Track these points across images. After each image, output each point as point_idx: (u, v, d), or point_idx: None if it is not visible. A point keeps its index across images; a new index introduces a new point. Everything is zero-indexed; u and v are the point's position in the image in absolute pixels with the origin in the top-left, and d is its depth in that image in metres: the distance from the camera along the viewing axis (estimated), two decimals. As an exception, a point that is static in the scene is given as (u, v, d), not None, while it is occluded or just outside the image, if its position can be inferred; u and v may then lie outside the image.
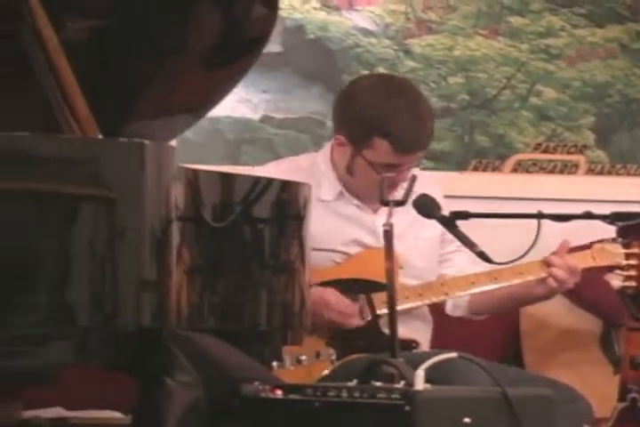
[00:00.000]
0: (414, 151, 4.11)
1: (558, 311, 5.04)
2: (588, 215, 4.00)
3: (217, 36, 3.55)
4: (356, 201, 4.16)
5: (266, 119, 5.17)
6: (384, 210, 3.50)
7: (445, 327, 4.46)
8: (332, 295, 3.97)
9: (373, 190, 3.92)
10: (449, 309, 4.35)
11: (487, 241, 3.99)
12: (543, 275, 4.13)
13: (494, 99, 5.47)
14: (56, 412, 3.88)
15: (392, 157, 4.02)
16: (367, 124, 4.07)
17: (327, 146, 4.35)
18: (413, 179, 3.89)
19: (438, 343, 4.08)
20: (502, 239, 4.68)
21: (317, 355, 3.86)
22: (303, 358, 3.74)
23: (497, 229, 4.77)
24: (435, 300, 4.17)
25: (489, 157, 5.46)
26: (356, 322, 4.03)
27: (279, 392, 2.89)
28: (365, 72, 5.29)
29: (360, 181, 4.15)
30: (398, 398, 2.62)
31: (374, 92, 4.22)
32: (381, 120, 4.08)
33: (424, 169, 4.51)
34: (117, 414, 3.79)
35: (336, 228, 4.04)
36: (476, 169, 5.41)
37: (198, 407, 2.90)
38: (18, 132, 2.65)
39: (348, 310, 4.04)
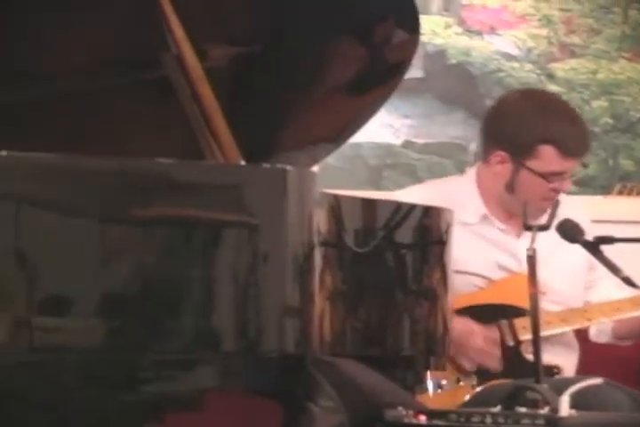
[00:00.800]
0: (579, 154, 4.14)
1: None
2: None
3: (359, 63, 3.53)
4: (499, 224, 4.17)
5: (408, 144, 5.21)
6: (527, 234, 3.50)
7: (591, 353, 4.46)
8: (474, 325, 3.99)
9: (536, 205, 4.01)
10: (593, 334, 4.33)
11: (632, 266, 3.96)
12: None
13: (638, 122, 5.36)
14: None
15: (559, 163, 4.05)
16: (530, 133, 4.08)
17: (472, 169, 4.38)
18: (557, 204, 3.92)
19: (584, 369, 4.03)
20: (648, 265, 4.65)
21: (458, 380, 3.90)
22: (444, 382, 3.77)
23: (642, 253, 4.71)
24: (578, 326, 4.16)
25: (633, 180, 5.35)
26: (496, 366, 3.94)
27: (423, 418, 2.88)
28: (508, 97, 5.32)
29: (522, 196, 4.09)
30: (543, 424, 2.65)
31: (529, 103, 4.28)
32: (544, 127, 4.11)
33: (568, 194, 4.30)
34: None
35: (479, 251, 4.04)
36: (620, 193, 5.33)
37: None
38: (162, 158, 2.66)
39: (491, 337, 3.91)
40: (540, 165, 3.95)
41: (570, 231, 3.61)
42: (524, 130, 4.11)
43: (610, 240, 3.63)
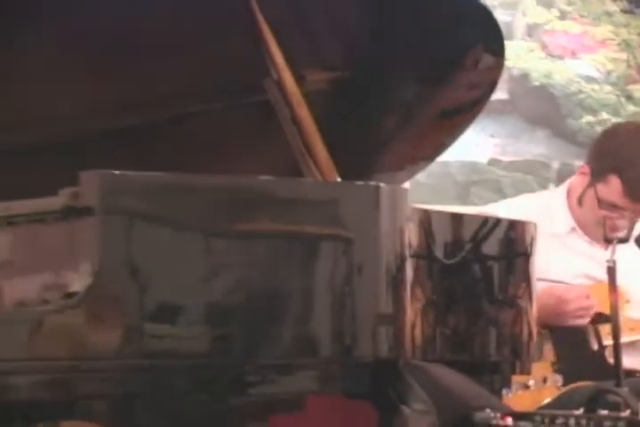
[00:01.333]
0: None
1: None
2: None
3: (453, 88, 3.60)
4: (586, 236, 4.06)
5: (493, 162, 5.35)
6: (617, 246, 3.49)
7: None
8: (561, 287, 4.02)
9: (597, 225, 3.98)
10: None
11: None
12: None
13: None
14: None
15: (619, 199, 3.99)
16: (611, 159, 4.08)
17: (566, 183, 4.39)
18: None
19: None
20: None
21: (544, 380, 3.85)
22: (531, 383, 3.74)
23: None
24: None
25: None
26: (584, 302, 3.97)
27: (509, 420, 2.79)
28: (589, 117, 5.31)
29: (587, 213, 4.11)
30: (624, 426, 2.64)
31: (630, 136, 4.24)
32: (624, 161, 4.08)
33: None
34: None
35: (567, 261, 4.00)
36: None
37: None
38: (263, 176, 2.67)
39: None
40: (604, 192, 3.96)
41: (646, 244, 3.55)
42: (608, 155, 4.13)
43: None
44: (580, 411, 2.88)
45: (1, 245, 2.74)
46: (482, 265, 2.94)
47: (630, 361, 3.73)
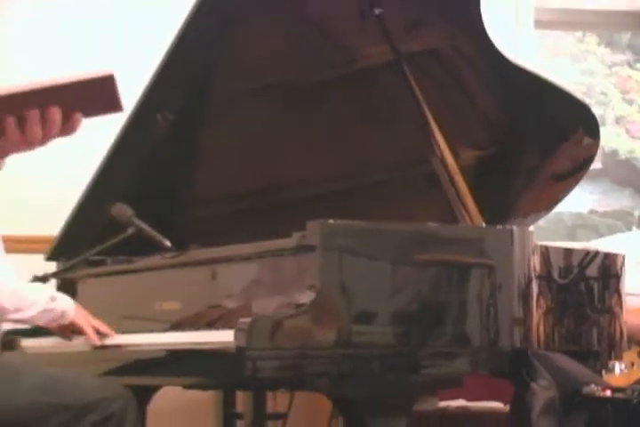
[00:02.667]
0: None
1: None
2: None
3: (565, 159, 3.81)
4: None
5: (592, 212, 5.66)
6: None
7: None
8: None
9: None
10: None
11: None
12: None
13: None
14: (460, 402, 4.10)
15: None
16: None
17: None
18: None
19: None
20: None
21: (632, 364, 3.98)
22: (622, 366, 3.75)
23: None
24: None
25: None
26: None
27: (608, 392, 3.12)
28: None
29: None
30: None
31: None
32: None
33: None
34: (500, 405, 3.93)
35: None
36: None
37: (554, 403, 3.10)
38: (431, 223, 2.99)
39: None
40: None
41: None
42: None
43: None
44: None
45: (251, 272, 3.08)
46: (586, 284, 3.20)
47: None
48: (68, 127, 2.09)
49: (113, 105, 2.09)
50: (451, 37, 3.52)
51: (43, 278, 3.57)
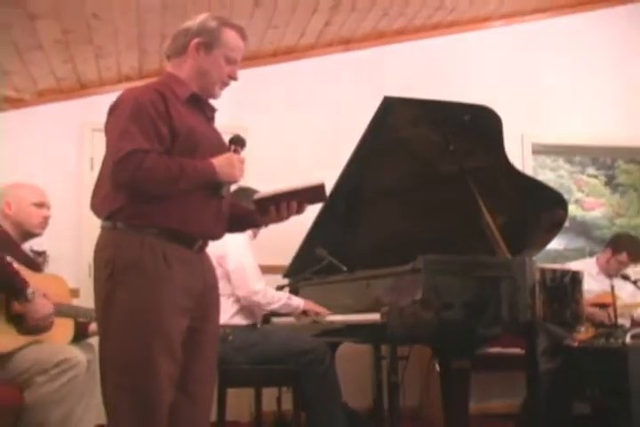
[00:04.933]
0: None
1: None
2: None
3: (549, 225, 4.07)
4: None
5: (565, 249, 5.80)
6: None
7: None
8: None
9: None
10: None
11: None
12: None
13: None
14: (497, 349, 4.40)
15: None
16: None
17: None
18: None
19: None
20: None
21: (586, 330, 4.19)
22: (582, 330, 4.05)
23: None
24: None
25: None
26: None
27: (576, 343, 3.67)
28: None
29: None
30: None
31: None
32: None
33: None
34: (519, 350, 4.10)
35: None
36: None
37: (548, 349, 3.68)
38: (486, 256, 3.45)
39: None
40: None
41: None
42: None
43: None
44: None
45: (388, 283, 3.42)
46: (563, 286, 3.55)
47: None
48: (300, 210, 2.52)
49: (322, 198, 2.55)
50: (487, 160, 3.78)
51: (281, 287, 4.14)
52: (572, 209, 5.84)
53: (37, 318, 3.17)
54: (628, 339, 3.58)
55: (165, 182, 2.28)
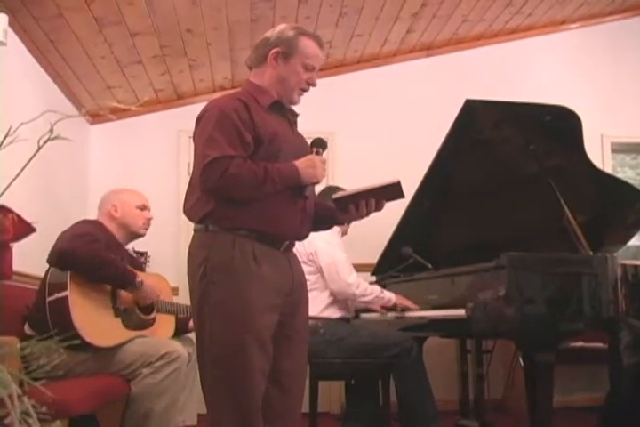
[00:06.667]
0: None
1: None
2: None
3: (631, 218, 4.03)
4: None
5: None
6: None
7: None
8: None
9: None
10: None
11: None
12: None
13: None
14: (580, 343, 4.31)
15: None
16: None
17: None
18: None
19: None
20: None
21: None
22: None
23: None
24: None
25: None
26: None
27: None
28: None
29: None
30: None
31: None
32: None
33: None
34: (601, 344, 4.10)
35: None
36: None
37: (631, 342, 3.42)
38: (568, 253, 3.40)
39: None
40: None
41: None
42: None
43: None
44: None
45: (472, 280, 3.36)
46: None
47: None
48: (378, 208, 2.53)
49: (400, 195, 2.51)
50: (568, 159, 3.73)
51: (372, 283, 4.16)
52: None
53: (147, 302, 3.32)
54: None
55: (251, 186, 2.31)
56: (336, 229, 3.95)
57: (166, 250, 5.04)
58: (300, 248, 3.75)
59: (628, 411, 3.47)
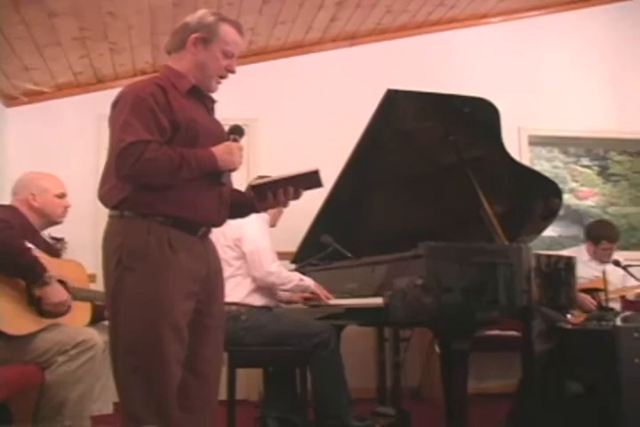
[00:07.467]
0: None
1: None
2: None
3: (544, 210, 4.08)
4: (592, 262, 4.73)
5: (559, 236, 5.78)
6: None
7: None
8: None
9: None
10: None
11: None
12: None
13: None
14: (495, 331, 4.41)
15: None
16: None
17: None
18: None
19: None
20: None
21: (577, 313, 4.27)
22: (575, 313, 4.13)
23: None
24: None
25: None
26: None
27: (569, 326, 3.57)
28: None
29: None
30: None
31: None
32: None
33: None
34: (515, 333, 4.14)
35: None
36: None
37: (543, 331, 3.54)
38: (484, 243, 3.41)
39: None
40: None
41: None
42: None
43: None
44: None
45: (391, 269, 3.34)
46: (557, 271, 3.50)
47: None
48: (296, 196, 2.54)
49: (318, 184, 2.54)
50: (486, 151, 3.75)
51: (291, 271, 4.11)
52: (567, 198, 5.84)
53: (53, 304, 3.18)
54: (618, 322, 3.46)
55: (167, 172, 2.28)
56: (265, 217, 3.93)
57: (84, 236, 4.93)
58: (227, 232, 3.74)
59: (539, 396, 3.54)
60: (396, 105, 3.59)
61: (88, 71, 5.27)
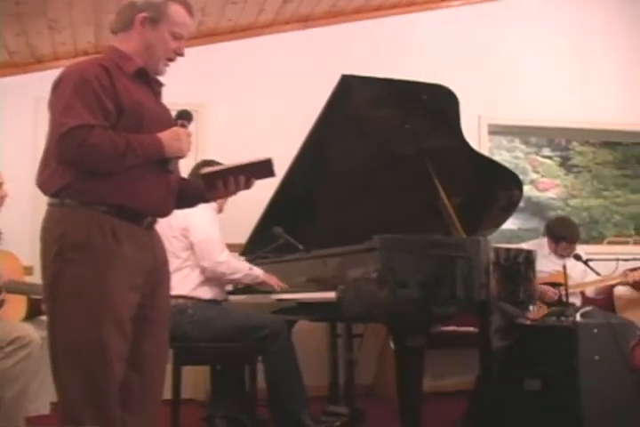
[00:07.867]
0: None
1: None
2: None
3: (503, 202, 4.15)
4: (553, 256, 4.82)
5: (519, 228, 5.87)
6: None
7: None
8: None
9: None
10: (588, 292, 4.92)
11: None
12: None
13: None
14: (452, 327, 4.36)
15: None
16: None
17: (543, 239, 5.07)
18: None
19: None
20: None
21: (537, 308, 4.39)
22: (534, 309, 4.21)
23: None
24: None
25: None
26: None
27: (528, 321, 3.67)
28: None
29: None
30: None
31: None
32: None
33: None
34: (472, 328, 4.00)
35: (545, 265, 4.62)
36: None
37: (501, 327, 3.56)
38: (442, 235, 3.45)
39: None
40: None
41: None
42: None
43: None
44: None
45: (344, 261, 3.34)
46: (517, 265, 3.54)
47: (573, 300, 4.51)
48: (247, 186, 2.55)
49: (270, 173, 2.56)
50: (445, 140, 3.80)
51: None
52: (527, 189, 5.87)
53: None
54: (578, 317, 3.59)
55: (112, 158, 2.25)
56: (213, 205, 3.92)
57: (21, 226, 4.85)
58: (173, 223, 3.71)
59: (497, 394, 3.58)
60: (350, 91, 3.58)
61: (25, 50, 5.17)
